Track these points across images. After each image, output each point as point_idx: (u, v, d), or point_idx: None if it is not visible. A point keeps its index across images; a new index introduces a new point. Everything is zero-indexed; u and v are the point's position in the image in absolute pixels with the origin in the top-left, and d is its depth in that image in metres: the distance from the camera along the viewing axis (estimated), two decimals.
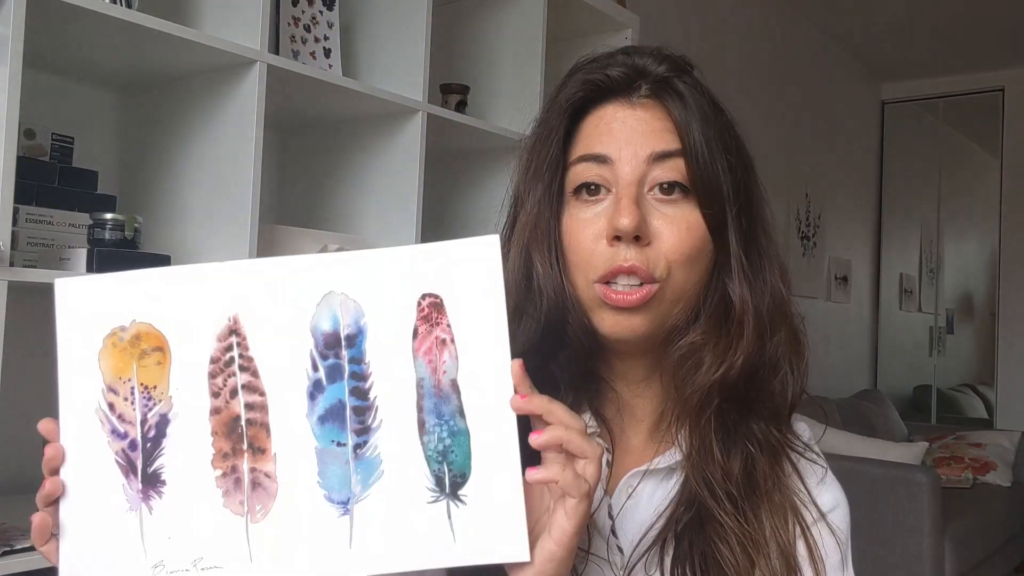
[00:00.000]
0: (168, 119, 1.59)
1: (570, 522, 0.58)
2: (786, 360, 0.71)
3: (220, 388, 0.59)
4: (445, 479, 0.58)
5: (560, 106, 0.72)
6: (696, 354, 0.68)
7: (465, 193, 2.15)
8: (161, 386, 0.59)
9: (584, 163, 0.69)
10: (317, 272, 0.59)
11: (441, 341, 0.59)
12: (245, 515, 0.59)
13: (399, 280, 0.59)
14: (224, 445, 0.59)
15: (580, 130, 0.71)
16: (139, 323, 0.60)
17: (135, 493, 0.59)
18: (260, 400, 0.59)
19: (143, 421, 0.59)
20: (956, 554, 3.09)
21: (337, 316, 0.59)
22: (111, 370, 0.60)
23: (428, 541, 0.58)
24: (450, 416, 0.58)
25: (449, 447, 0.58)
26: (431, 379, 0.59)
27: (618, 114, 0.70)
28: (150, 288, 0.60)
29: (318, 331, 0.59)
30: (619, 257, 0.66)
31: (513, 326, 0.70)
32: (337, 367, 0.59)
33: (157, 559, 0.58)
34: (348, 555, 0.58)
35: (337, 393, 0.59)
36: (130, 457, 0.59)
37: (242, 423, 0.59)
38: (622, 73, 0.70)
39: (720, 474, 0.68)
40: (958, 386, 5.49)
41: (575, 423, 0.59)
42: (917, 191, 5.47)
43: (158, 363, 0.60)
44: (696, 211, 0.68)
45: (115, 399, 0.60)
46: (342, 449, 0.59)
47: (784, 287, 0.72)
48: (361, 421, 0.59)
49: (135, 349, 0.60)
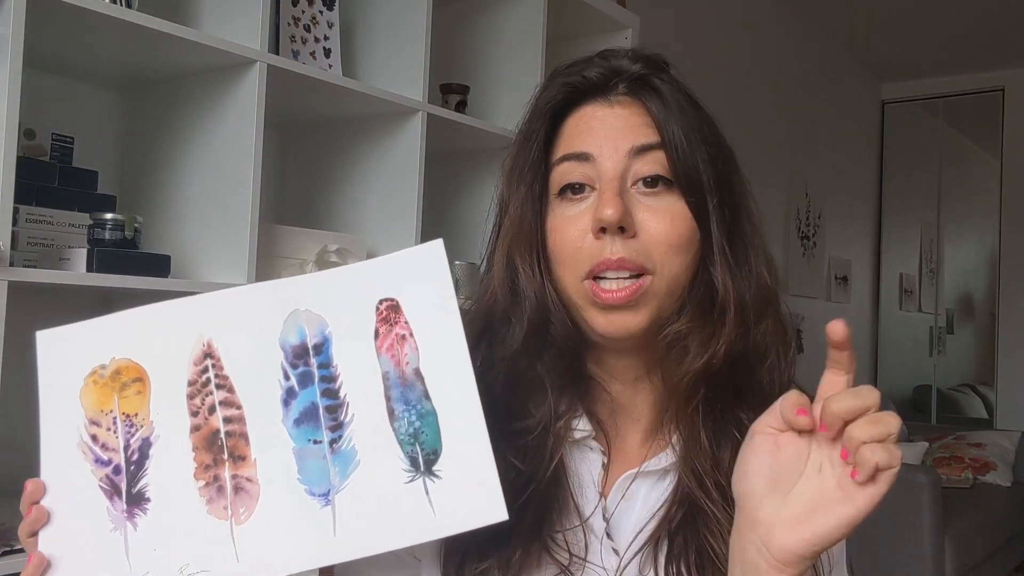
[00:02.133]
0: (168, 119, 1.59)
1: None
2: (773, 349, 0.71)
3: (199, 407, 0.63)
4: (419, 458, 0.61)
5: (540, 110, 0.73)
6: (682, 342, 0.69)
7: (465, 193, 2.15)
8: (142, 413, 0.63)
9: (567, 163, 0.70)
10: (281, 294, 0.64)
11: (401, 336, 0.63)
12: (229, 519, 0.61)
13: (358, 291, 0.64)
14: (205, 458, 0.62)
15: (561, 132, 0.72)
16: (118, 359, 0.64)
17: (119, 513, 0.62)
18: (237, 413, 0.63)
19: (126, 447, 0.63)
20: (956, 554, 3.09)
21: (303, 329, 0.64)
22: (93, 405, 0.64)
23: (409, 518, 0.60)
24: (417, 400, 0.62)
25: (419, 429, 0.62)
26: (395, 371, 0.63)
27: (597, 113, 0.70)
28: (126, 328, 0.65)
29: (287, 344, 0.63)
30: (606, 251, 0.66)
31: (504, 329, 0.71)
32: (307, 374, 0.63)
33: (143, 571, 0.61)
34: (333, 542, 0.60)
35: (309, 396, 0.63)
36: (114, 481, 0.63)
37: (221, 435, 0.62)
38: (599, 74, 0.71)
39: (709, 464, 0.68)
40: (958, 386, 5.49)
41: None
42: (917, 191, 5.47)
43: (138, 392, 0.64)
44: (681, 201, 0.68)
45: (98, 430, 0.63)
46: (319, 446, 0.62)
47: (770, 276, 0.72)
48: (334, 418, 0.62)
49: (115, 383, 0.64)
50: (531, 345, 0.70)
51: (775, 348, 0.71)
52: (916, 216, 5.51)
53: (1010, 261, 5.11)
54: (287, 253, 1.60)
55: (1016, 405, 5.03)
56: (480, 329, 0.72)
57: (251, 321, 0.64)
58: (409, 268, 0.64)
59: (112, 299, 1.52)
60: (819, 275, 4.69)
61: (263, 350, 0.63)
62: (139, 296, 1.35)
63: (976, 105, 5.34)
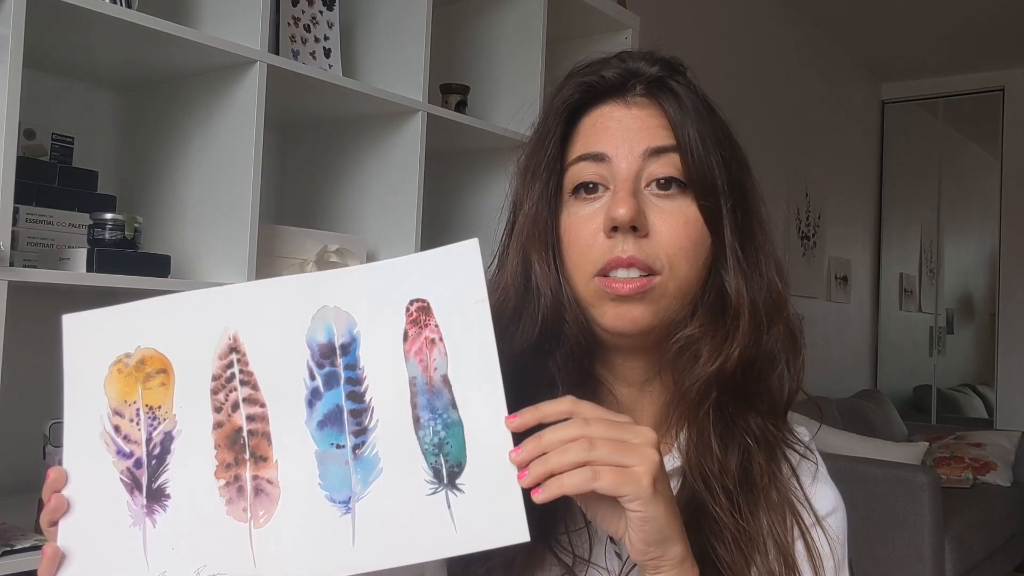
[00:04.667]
0: (168, 119, 1.59)
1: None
2: (783, 355, 0.71)
3: (222, 403, 0.61)
4: (443, 470, 0.59)
5: (556, 108, 0.73)
6: (694, 346, 0.69)
7: (465, 193, 2.15)
8: (165, 406, 0.62)
9: (582, 162, 0.70)
10: (310, 289, 0.62)
11: (430, 341, 0.61)
12: (248, 521, 0.60)
13: (388, 290, 0.62)
14: (227, 456, 0.61)
15: (577, 131, 0.72)
16: (143, 348, 0.63)
17: (139, 508, 0.60)
18: (261, 411, 0.61)
19: (148, 440, 0.61)
20: (956, 554, 3.09)
21: (331, 327, 0.62)
22: (117, 394, 0.62)
23: (429, 532, 0.59)
24: (443, 409, 0.60)
25: (444, 439, 0.60)
26: (423, 376, 0.61)
27: (614, 113, 0.71)
28: (153, 316, 0.63)
29: (314, 343, 0.62)
30: (617, 249, 0.67)
31: (513, 327, 0.71)
32: (333, 374, 0.61)
33: (160, 570, 0.59)
34: (351, 553, 0.59)
35: (334, 399, 0.61)
36: (135, 475, 0.61)
37: (244, 434, 0.61)
38: (617, 75, 0.71)
39: (717, 468, 0.68)
40: (958, 386, 5.49)
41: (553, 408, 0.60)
42: (917, 191, 5.47)
43: (162, 384, 0.62)
44: (693, 205, 0.68)
45: (120, 421, 0.62)
46: (341, 451, 0.60)
47: (780, 283, 0.72)
48: (358, 423, 0.61)
49: (140, 373, 0.62)
50: (543, 342, 0.70)
51: (785, 354, 0.71)
52: (916, 216, 5.51)
53: (1010, 261, 5.11)
54: (287, 253, 1.60)
55: (1016, 405, 5.03)
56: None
57: (279, 316, 0.62)
58: (442, 268, 0.62)
59: (112, 299, 1.52)
60: (819, 275, 4.69)
61: (290, 347, 0.62)
62: (139, 296, 1.34)
63: (976, 105, 5.34)
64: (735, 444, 0.69)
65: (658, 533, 0.58)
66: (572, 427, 0.58)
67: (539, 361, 0.70)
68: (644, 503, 0.57)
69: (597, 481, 0.56)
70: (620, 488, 0.57)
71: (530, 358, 0.70)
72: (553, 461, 0.57)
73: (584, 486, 0.56)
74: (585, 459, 0.57)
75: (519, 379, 0.70)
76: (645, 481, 0.57)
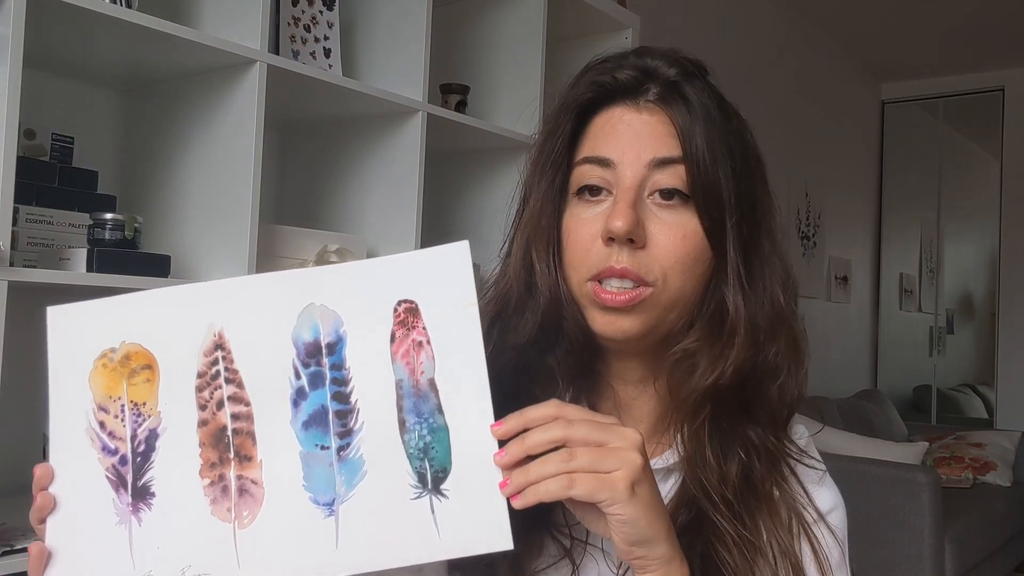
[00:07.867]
0: (168, 119, 1.59)
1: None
2: (785, 367, 0.71)
3: (207, 401, 0.61)
4: (427, 475, 0.59)
5: (568, 105, 0.72)
6: (690, 359, 0.69)
7: (465, 193, 2.15)
8: (150, 402, 0.61)
9: (587, 164, 0.70)
10: (297, 286, 0.62)
11: (418, 343, 0.61)
12: (232, 522, 0.60)
13: (376, 289, 0.61)
14: (212, 455, 0.60)
15: (587, 130, 0.72)
16: (128, 344, 0.62)
17: (124, 507, 0.60)
18: (246, 410, 0.61)
19: (133, 437, 0.61)
20: (956, 554, 3.09)
21: (317, 326, 0.61)
22: (102, 390, 0.61)
23: (413, 537, 0.59)
24: (429, 414, 0.60)
25: (430, 444, 0.60)
26: (409, 380, 0.60)
27: (624, 117, 0.70)
28: (138, 310, 0.62)
29: (300, 341, 0.61)
30: (612, 258, 0.67)
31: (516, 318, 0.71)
32: (319, 374, 0.61)
33: (145, 570, 0.59)
34: (335, 555, 0.59)
35: (320, 399, 0.61)
36: (120, 472, 0.61)
37: (228, 433, 0.61)
38: (630, 76, 0.70)
39: (716, 478, 0.68)
40: (958, 386, 5.49)
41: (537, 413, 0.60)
42: (917, 191, 5.47)
43: (147, 380, 0.61)
44: (695, 218, 0.68)
45: (105, 417, 0.61)
46: (326, 452, 0.60)
47: (784, 295, 0.71)
48: (344, 424, 0.60)
49: (125, 368, 0.62)
50: (543, 337, 0.70)
51: (787, 366, 0.71)
52: (916, 216, 5.51)
53: (1010, 261, 5.11)
54: (287, 253, 1.60)
55: (1016, 405, 5.03)
56: (495, 313, 0.72)
57: (264, 313, 0.61)
58: (431, 269, 0.62)
59: None
60: (819, 275, 4.69)
61: (275, 345, 0.61)
62: None
63: (976, 105, 5.34)
64: (734, 454, 0.69)
65: (640, 534, 0.58)
66: (556, 428, 0.59)
67: (540, 353, 0.71)
68: (622, 506, 0.57)
69: (572, 489, 0.57)
70: (596, 494, 0.57)
71: (532, 349, 0.70)
72: (533, 472, 0.57)
73: (560, 494, 0.57)
74: (564, 469, 0.57)
75: (521, 370, 0.70)
76: (621, 486, 0.57)
